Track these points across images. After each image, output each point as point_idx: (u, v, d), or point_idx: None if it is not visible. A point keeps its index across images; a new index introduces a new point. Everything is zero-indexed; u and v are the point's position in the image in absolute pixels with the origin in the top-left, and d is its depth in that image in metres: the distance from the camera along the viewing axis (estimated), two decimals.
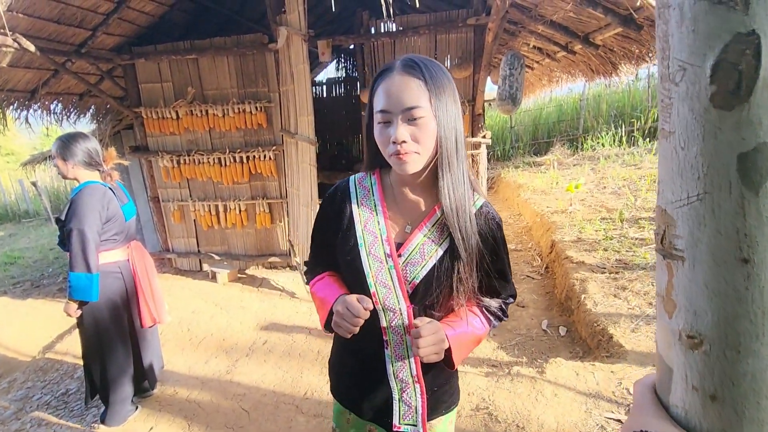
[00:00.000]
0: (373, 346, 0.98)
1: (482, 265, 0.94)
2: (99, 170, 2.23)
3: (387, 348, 0.96)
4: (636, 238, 3.94)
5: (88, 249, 2.04)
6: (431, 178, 0.92)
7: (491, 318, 1.02)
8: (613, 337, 2.67)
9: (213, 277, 4.58)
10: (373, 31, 4.19)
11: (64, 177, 2.18)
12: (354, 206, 0.98)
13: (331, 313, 0.95)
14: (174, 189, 4.74)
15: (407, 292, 0.93)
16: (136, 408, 2.55)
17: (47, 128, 4.60)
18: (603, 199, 5.36)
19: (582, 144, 9.14)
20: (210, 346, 3.33)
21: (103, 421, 2.39)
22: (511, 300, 1.06)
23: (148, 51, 4.33)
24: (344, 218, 0.99)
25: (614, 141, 8.69)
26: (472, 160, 4.12)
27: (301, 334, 3.38)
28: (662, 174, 0.38)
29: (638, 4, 2.11)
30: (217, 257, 4.78)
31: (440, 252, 0.92)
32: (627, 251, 3.72)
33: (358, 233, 0.95)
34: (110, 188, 2.23)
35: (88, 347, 2.30)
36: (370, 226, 0.96)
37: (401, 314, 0.93)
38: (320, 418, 2.44)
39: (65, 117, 4.79)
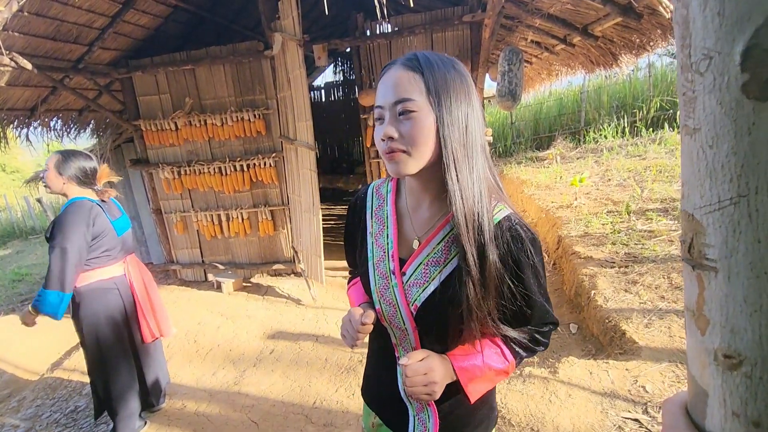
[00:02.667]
0: (389, 360, 0.95)
1: (501, 290, 0.81)
2: (92, 189, 2.20)
3: (399, 365, 0.92)
4: (644, 231, 3.87)
5: (66, 268, 1.99)
6: (440, 184, 0.81)
7: (518, 349, 0.88)
8: (626, 333, 2.61)
9: (218, 287, 4.56)
10: (368, 33, 4.16)
11: (52, 191, 2.14)
12: (368, 217, 0.94)
13: None
14: (176, 200, 4.73)
15: (411, 313, 0.85)
16: (145, 423, 2.53)
17: (48, 145, 4.61)
18: (608, 192, 5.29)
19: (584, 137, 9.06)
20: (217, 357, 3.30)
21: None
22: (551, 327, 0.92)
23: (145, 63, 4.33)
24: (360, 229, 0.96)
25: (617, 132, 8.60)
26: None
27: (308, 341, 3.35)
28: (687, 175, 0.34)
29: None
30: (221, 267, 4.77)
31: (444, 274, 0.82)
32: (636, 244, 3.66)
33: (369, 246, 0.92)
34: (99, 204, 2.18)
35: (92, 364, 2.28)
36: (381, 240, 0.90)
37: (408, 335, 0.88)
38: (330, 428, 2.40)
39: (65, 133, 4.79)
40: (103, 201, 2.24)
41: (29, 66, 3.28)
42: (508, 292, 0.82)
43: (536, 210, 5.63)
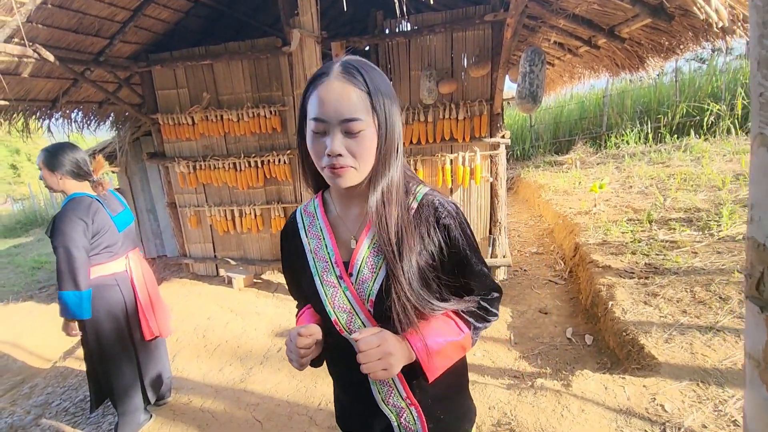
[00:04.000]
0: (357, 374, 0.91)
1: (436, 265, 0.85)
2: (89, 180, 2.17)
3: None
4: (666, 241, 3.73)
5: (75, 266, 1.97)
6: (367, 184, 0.84)
7: (470, 320, 0.91)
8: (645, 347, 2.51)
9: (229, 283, 4.58)
10: (387, 31, 4.11)
11: (52, 189, 2.11)
12: (303, 237, 0.94)
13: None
14: (190, 194, 4.76)
15: (369, 311, 0.85)
16: (150, 416, 2.53)
17: (69, 136, 4.69)
18: (629, 200, 5.13)
19: (605, 142, 8.84)
20: (225, 353, 3.30)
21: None
22: (495, 295, 0.94)
23: (164, 58, 4.36)
24: (298, 252, 0.95)
25: (639, 138, 8.37)
26: (491, 160, 3.98)
27: None
28: (758, 195, 0.28)
29: None
30: (233, 262, 4.78)
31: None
32: (657, 255, 3.52)
33: (310, 263, 0.91)
34: (98, 199, 2.15)
35: (91, 360, 2.28)
36: (320, 252, 0.91)
37: None
38: (335, 431, 2.36)
39: (86, 125, 4.88)
40: (102, 195, 2.21)
41: (51, 58, 3.32)
42: (444, 266, 0.86)
43: (553, 215, 5.51)
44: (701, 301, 2.79)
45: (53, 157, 2.05)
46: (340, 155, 0.76)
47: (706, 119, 7.72)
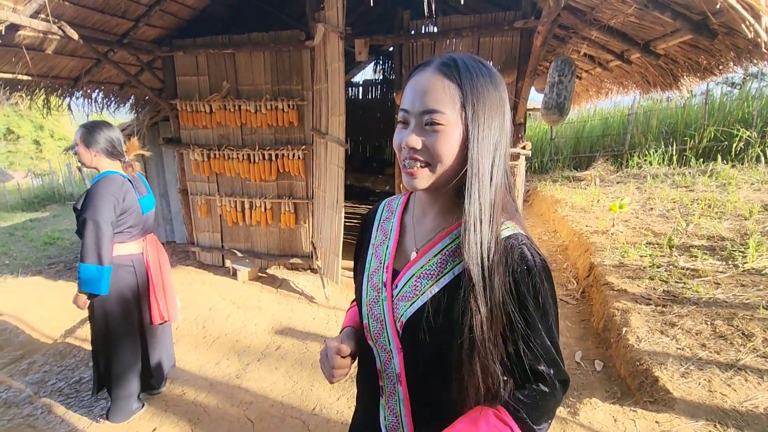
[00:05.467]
0: (371, 388, 0.85)
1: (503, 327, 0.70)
2: (121, 160, 2.19)
3: (382, 396, 0.83)
4: (687, 268, 3.57)
5: (101, 241, 1.98)
6: (450, 198, 0.76)
7: (527, 420, 0.71)
8: (659, 380, 2.37)
9: (233, 274, 4.54)
10: (413, 32, 4.03)
11: (85, 165, 2.15)
12: (374, 230, 0.90)
13: None
14: (203, 183, 4.74)
15: (397, 331, 0.77)
16: (143, 405, 2.48)
17: (88, 116, 4.71)
18: (649, 222, 4.95)
19: (627, 161, 8.61)
20: (223, 346, 3.24)
21: (107, 417, 2.34)
22: (558, 391, 0.73)
23: (187, 44, 4.35)
24: (366, 243, 0.91)
25: (663, 159, 8.13)
26: (511, 172, 3.87)
27: (316, 342, 3.25)
28: None
29: (718, 6, 1.83)
30: (239, 254, 4.75)
31: (435, 289, 0.73)
32: (676, 282, 3.37)
33: (368, 257, 0.87)
34: (129, 180, 2.19)
35: (96, 340, 2.26)
36: (380, 250, 0.85)
37: (393, 358, 0.79)
38: None
39: (106, 106, 4.90)
40: (132, 176, 2.23)
41: (76, 36, 3.32)
42: (503, 332, 0.70)
43: (569, 232, 5.36)
44: (722, 336, 2.65)
45: (90, 134, 2.09)
46: (414, 149, 0.69)
47: (734, 145, 7.46)
